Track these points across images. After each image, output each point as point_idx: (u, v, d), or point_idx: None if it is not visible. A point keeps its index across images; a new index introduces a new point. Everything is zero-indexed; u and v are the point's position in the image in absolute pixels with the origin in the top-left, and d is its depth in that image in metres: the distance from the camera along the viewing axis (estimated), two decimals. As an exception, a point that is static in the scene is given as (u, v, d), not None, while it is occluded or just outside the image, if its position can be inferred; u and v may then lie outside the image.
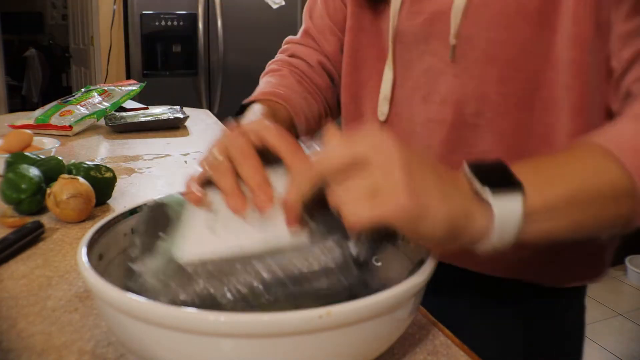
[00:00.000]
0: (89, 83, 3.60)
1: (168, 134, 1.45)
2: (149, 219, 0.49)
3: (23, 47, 6.16)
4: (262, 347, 0.38)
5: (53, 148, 1.14)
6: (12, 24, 5.92)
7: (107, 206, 0.91)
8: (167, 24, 2.95)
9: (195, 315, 0.38)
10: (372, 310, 0.40)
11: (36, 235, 0.74)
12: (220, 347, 0.38)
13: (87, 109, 1.49)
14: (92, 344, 0.51)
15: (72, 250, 0.72)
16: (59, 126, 1.40)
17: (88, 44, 3.54)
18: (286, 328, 0.37)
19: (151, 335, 0.40)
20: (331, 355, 0.41)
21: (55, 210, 0.80)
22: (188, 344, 0.39)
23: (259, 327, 0.37)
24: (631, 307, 2.63)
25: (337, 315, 0.38)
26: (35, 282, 0.63)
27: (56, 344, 0.51)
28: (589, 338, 2.34)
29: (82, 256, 0.45)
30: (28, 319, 0.55)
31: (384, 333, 0.44)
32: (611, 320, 2.49)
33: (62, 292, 0.61)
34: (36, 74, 5.90)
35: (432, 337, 0.54)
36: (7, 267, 0.67)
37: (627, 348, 2.29)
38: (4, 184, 0.83)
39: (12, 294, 0.60)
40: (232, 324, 0.37)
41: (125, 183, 1.04)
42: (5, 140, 1.11)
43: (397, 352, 0.51)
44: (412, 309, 0.46)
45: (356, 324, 0.40)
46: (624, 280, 2.91)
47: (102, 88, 1.60)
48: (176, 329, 0.38)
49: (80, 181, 0.82)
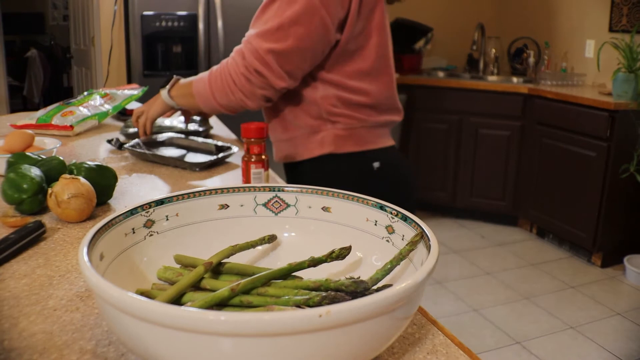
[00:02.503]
0: (90, 83, 3.60)
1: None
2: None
3: (24, 48, 6.17)
4: (262, 347, 0.38)
5: (54, 148, 1.14)
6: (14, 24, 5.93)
7: (107, 206, 0.91)
8: (168, 24, 2.95)
9: (195, 314, 0.38)
10: (372, 309, 0.40)
11: (37, 235, 0.74)
12: (220, 346, 0.39)
13: (88, 111, 1.49)
14: (93, 343, 0.51)
15: (73, 250, 0.73)
16: (61, 126, 1.40)
17: (89, 45, 3.54)
18: (286, 327, 0.38)
19: (151, 335, 0.40)
20: (331, 355, 0.41)
21: (57, 210, 0.80)
22: (188, 343, 0.39)
23: (259, 326, 0.37)
24: (630, 306, 2.63)
25: (337, 314, 0.38)
26: (36, 282, 0.63)
27: (57, 343, 0.51)
28: (588, 337, 2.34)
29: (83, 256, 0.46)
30: (29, 318, 0.56)
31: (384, 332, 0.44)
32: (610, 320, 2.49)
33: (63, 291, 0.61)
34: (37, 74, 5.90)
35: (431, 337, 0.54)
36: (9, 267, 0.67)
37: (626, 347, 2.29)
38: (5, 184, 0.83)
39: (14, 293, 0.61)
40: (232, 323, 0.37)
41: (126, 183, 1.04)
42: (7, 140, 1.11)
43: (397, 352, 0.52)
44: (412, 309, 0.46)
45: (356, 324, 0.40)
46: (622, 279, 2.92)
47: (104, 91, 1.61)
48: (176, 328, 0.38)
49: (81, 181, 0.82)
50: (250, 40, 1.08)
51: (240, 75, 1.09)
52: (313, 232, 0.64)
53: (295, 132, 1.22)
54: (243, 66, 1.08)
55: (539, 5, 3.94)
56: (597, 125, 2.91)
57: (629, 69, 2.85)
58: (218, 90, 1.12)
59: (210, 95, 1.14)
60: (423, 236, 0.53)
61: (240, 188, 0.65)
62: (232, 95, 1.11)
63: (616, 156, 2.85)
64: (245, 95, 1.10)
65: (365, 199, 0.62)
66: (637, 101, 2.80)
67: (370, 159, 1.21)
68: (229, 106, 1.14)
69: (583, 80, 3.51)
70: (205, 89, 1.14)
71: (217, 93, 1.13)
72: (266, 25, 1.07)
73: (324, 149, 1.19)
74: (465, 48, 4.18)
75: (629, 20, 3.29)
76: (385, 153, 1.24)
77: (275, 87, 1.09)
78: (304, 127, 1.20)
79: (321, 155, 1.20)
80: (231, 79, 1.10)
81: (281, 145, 1.26)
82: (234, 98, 1.11)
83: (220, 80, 1.12)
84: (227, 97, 1.12)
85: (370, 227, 0.61)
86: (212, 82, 1.13)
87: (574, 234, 3.12)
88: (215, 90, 1.13)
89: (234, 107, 1.15)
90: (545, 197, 3.29)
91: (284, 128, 1.23)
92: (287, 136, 1.23)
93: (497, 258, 3.18)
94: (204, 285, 0.54)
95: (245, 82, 1.09)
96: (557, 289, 2.80)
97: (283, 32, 1.05)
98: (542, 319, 2.51)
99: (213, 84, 1.13)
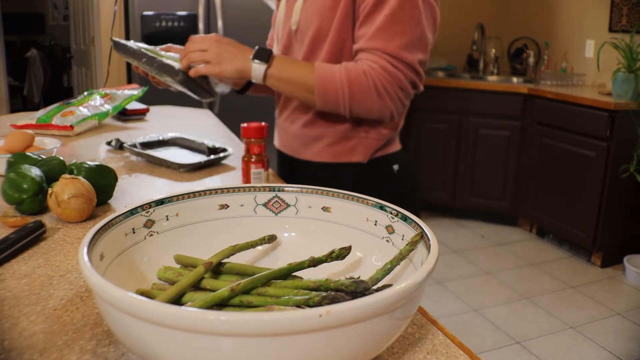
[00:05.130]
0: (90, 83, 3.60)
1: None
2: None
3: (24, 48, 6.17)
4: (262, 346, 0.39)
5: (54, 148, 1.14)
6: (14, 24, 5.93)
7: (108, 206, 0.91)
8: (168, 24, 2.95)
9: (195, 314, 0.38)
10: (372, 309, 0.40)
11: (38, 235, 0.74)
12: (220, 346, 0.39)
13: (88, 111, 1.49)
14: (93, 343, 0.51)
15: (73, 250, 0.73)
16: (61, 126, 1.40)
17: (89, 45, 3.54)
18: (286, 327, 0.38)
19: (152, 334, 0.40)
20: (331, 354, 0.41)
21: (57, 210, 0.80)
22: (188, 342, 0.39)
23: (259, 326, 0.37)
24: (629, 306, 2.63)
25: (337, 314, 0.38)
26: (36, 282, 0.63)
27: (57, 343, 0.51)
28: (588, 337, 2.34)
29: (83, 256, 0.46)
30: (30, 318, 0.56)
31: (384, 332, 0.44)
32: (609, 320, 2.49)
33: (63, 291, 0.61)
34: (37, 74, 5.91)
35: (431, 337, 0.54)
36: (9, 267, 0.67)
37: (626, 347, 2.29)
38: (5, 184, 0.83)
39: (14, 293, 0.61)
40: (232, 323, 0.37)
41: (126, 183, 1.04)
42: (7, 140, 1.11)
43: (396, 351, 0.52)
44: (412, 309, 0.46)
45: (356, 324, 0.40)
46: (622, 279, 2.92)
47: (104, 91, 1.61)
48: (176, 328, 0.38)
49: (81, 181, 0.82)
50: (397, 54, 1.03)
51: (397, 88, 1.06)
52: (313, 232, 0.64)
53: (322, 131, 1.17)
54: (401, 79, 1.05)
55: (538, 5, 3.94)
56: (597, 125, 2.91)
57: (629, 69, 2.85)
58: (358, 94, 1.05)
59: (346, 96, 1.05)
60: (423, 236, 0.53)
61: (240, 188, 0.65)
62: (376, 103, 1.06)
63: (616, 156, 2.85)
64: (395, 106, 1.08)
65: (365, 199, 0.62)
66: (637, 101, 2.80)
67: (391, 162, 1.21)
68: (359, 112, 1.08)
69: (583, 80, 3.51)
70: (341, 89, 1.05)
71: (356, 96, 1.05)
72: (407, 36, 1.03)
73: (352, 158, 1.17)
74: (465, 48, 4.18)
75: (629, 20, 3.29)
76: (402, 155, 1.24)
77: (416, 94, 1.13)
78: (336, 128, 1.16)
79: (343, 162, 1.18)
80: (383, 89, 1.05)
81: (296, 139, 1.22)
82: (378, 107, 1.07)
83: (365, 87, 1.04)
84: (366, 104, 1.06)
85: (370, 227, 0.61)
86: (354, 86, 1.05)
87: (574, 234, 3.12)
88: (355, 93, 1.05)
89: (362, 114, 1.09)
90: (545, 197, 3.29)
91: (311, 124, 1.18)
92: (313, 133, 1.18)
93: (497, 258, 3.18)
94: (204, 285, 0.54)
95: (402, 94, 1.07)
96: (557, 289, 2.80)
97: (425, 40, 1.06)
98: (542, 318, 2.51)
99: (355, 88, 1.05)
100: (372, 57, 1.05)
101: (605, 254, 3.03)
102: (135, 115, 1.68)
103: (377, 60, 1.04)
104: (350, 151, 1.17)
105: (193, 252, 0.60)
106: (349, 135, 1.16)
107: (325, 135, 1.17)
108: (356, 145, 1.17)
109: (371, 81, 1.04)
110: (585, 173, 3.00)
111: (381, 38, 1.04)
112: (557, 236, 3.33)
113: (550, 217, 3.28)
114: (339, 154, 1.18)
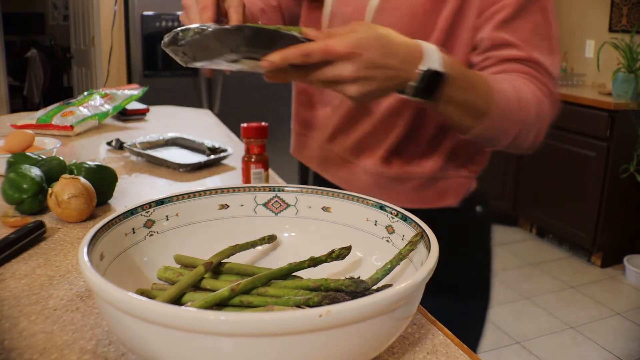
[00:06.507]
0: (90, 83, 3.60)
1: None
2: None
3: (24, 48, 6.17)
4: (262, 346, 0.39)
5: (54, 148, 1.14)
6: (14, 24, 5.92)
7: (108, 206, 0.91)
8: (168, 24, 2.95)
9: (195, 314, 0.38)
10: (372, 309, 0.40)
11: (38, 235, 0.74)
12: (220, 346, 0.39)
13: (88, 111, 1.49)
14: (93, 343, 0.51)
15: (73, 250, 0.73)
16: (61, 126, 1.40)
17: (89, 45, 3.54)
18: (286, 327, 0.38)
19: (152, 334, 0.40)
20: (331, 355, 0.41)
21: (57, 210, 0.80)
22: (188, 343, 0.39)
23: (259, 326, 0.37)
24: (629, 306, 2.63)
25: (337, 314, 0.38)
26: (36, 282, 0.63)
27: (57, 343, 0.51)
28: (588, 337, 2.34)
29: (84, 256, 0.46)
30: (30, 318, 0.56)
31: (384, 332, 0.44)
32: (609, 320, 2.49)
33: (63, 291, 0.61)
34: (37, 74, 5.91)
35: (431, 337, 0.54)
36: (9, 267, 0.67)
37: (626, 347, 2.29)
38: (5, 184, 0.83)
39: (14, 293, 0.61)
40: (232, 323, 0.37)
41: (126, 183, 1.04)
42: (7, 140, 1.11)
43: (396, 352, 0.52)
44: (412, 309, 0.46)
45: (356, 324, 0.40)
46: (622, 279, 2.92)
47: (104, 91, 1.61)
48: (176, 328, 0.38)
49: (81, 181, 0.82)
50: (548, 67, 0.83)
51: (550, 105, 0.84)
52: (313, 232, 0.64)
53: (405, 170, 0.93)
54: (553, 96, 0.84)
55: (539, 5, 3.94)
56: (597, 125, 2.91)
57: (629, 69, 2.85)
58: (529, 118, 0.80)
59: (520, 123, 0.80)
60: (423, 236, 0.53)
61: (240, 188, 0.65)
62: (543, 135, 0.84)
63: (616, 156, 2.85)
64: (544, 126, 0.84)
65: (365, 198, 0.62)
66: (637, 101, 2.80)
67: (475, 202, 0.98)
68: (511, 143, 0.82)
69: (583, 80, 3.51)
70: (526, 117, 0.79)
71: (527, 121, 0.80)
72: (553, 41, 0.84)
73: (442, 202, 0.94)
74: (465, 48, 4.18)
75: (629, 20, 3.29)
76: (481, 192, 1.00)
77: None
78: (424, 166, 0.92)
79: (431, 209, 0.93)
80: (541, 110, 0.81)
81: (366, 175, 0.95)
82: (541, 139, 0.85)
83: (534, 111, 0.80)
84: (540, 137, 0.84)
85: (370, 227, 0.61)
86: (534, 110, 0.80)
87: (574, 234, 3.12)
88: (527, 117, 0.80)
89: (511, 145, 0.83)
90: (545, 197, 3.29)
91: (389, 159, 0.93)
92: (392, 172, 0.93)
93: (497, 258, 3.17)
94: (204, 285, 0.54)
95: (553, 110, 0.85)
96: (557, 289, 2.80)
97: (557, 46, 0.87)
98: (542, 318, 2.51)
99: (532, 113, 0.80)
100: (539, 75, 0.82)
101: (605, 254, 3.03)
102: (135, 115, 1.68)
103: (545, 81, 0.83)
104: (441, 194, 0.94)
105: (193, 252, 0.60)
106: (439, 174, 0.93)
107: (411, 175, 0.93)
108: (448, 187, 0.94)
109: (550, 112, 0.84)
110: (585, 173, 3.00)
111: (540, 50, 0.82)
112: (557, 236, 3.33)
113: (550, 217, 3.28)
114: (427, 199, 0.94)
